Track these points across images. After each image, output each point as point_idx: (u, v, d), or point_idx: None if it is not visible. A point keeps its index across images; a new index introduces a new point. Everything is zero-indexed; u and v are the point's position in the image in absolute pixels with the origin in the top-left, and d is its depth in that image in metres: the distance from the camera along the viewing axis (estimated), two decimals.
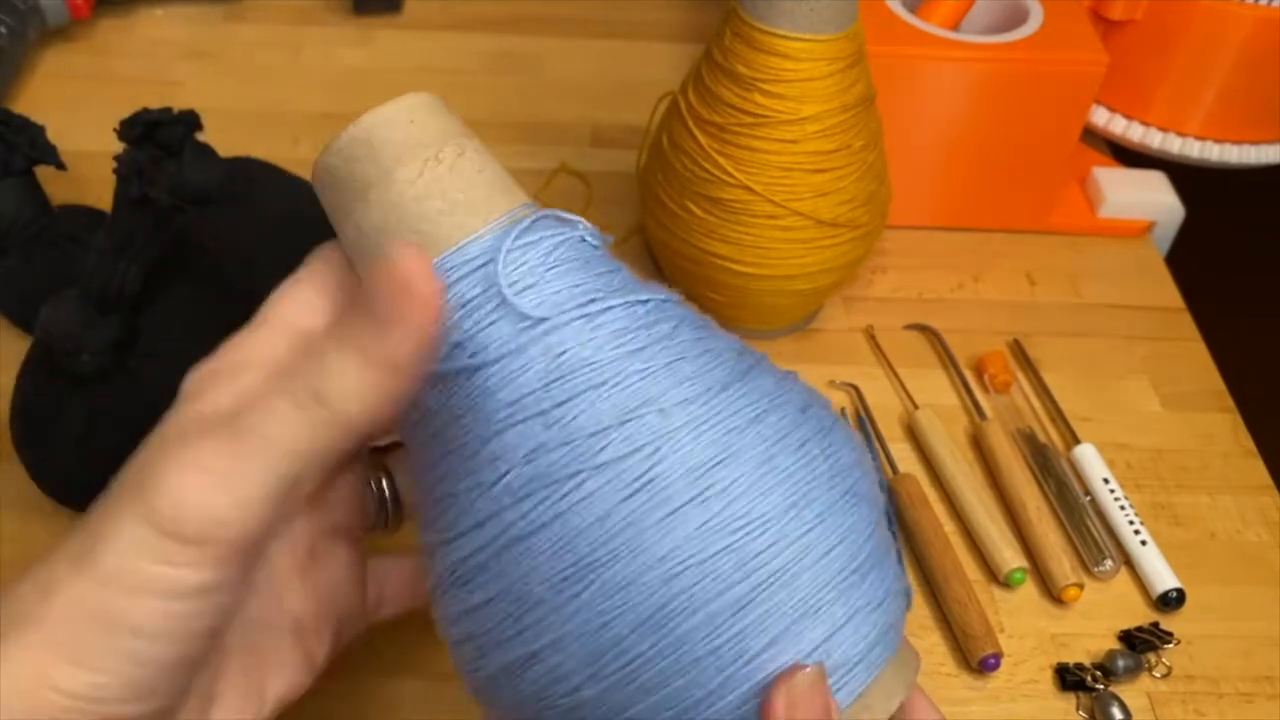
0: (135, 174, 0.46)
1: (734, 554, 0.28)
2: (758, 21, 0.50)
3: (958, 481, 0.53)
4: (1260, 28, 0.65)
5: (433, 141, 0.31)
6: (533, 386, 0.29)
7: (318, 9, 0.82)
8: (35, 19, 0.74)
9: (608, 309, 0.30)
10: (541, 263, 0.30)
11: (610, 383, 0.29)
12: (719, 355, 0.31)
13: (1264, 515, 0.55)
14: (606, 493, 0.28)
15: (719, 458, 0.28)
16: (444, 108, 0.32)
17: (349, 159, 0.31)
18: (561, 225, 0.31)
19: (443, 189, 0.30)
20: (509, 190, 0.32)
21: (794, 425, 0.30)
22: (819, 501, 0.29)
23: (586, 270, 0.31)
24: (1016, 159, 0.65)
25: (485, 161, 0.32)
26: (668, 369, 0.29)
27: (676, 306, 0.32)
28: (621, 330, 0.30)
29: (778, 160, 0.52)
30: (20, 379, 0.50)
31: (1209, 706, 0.48)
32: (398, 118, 0.31)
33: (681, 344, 0.30)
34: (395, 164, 0.30)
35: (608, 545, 0.28)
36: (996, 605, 0.50)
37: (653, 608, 0.27)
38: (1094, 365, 0.61)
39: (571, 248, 0.31)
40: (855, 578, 0.29)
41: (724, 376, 0.30)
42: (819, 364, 0.60)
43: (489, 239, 0.30)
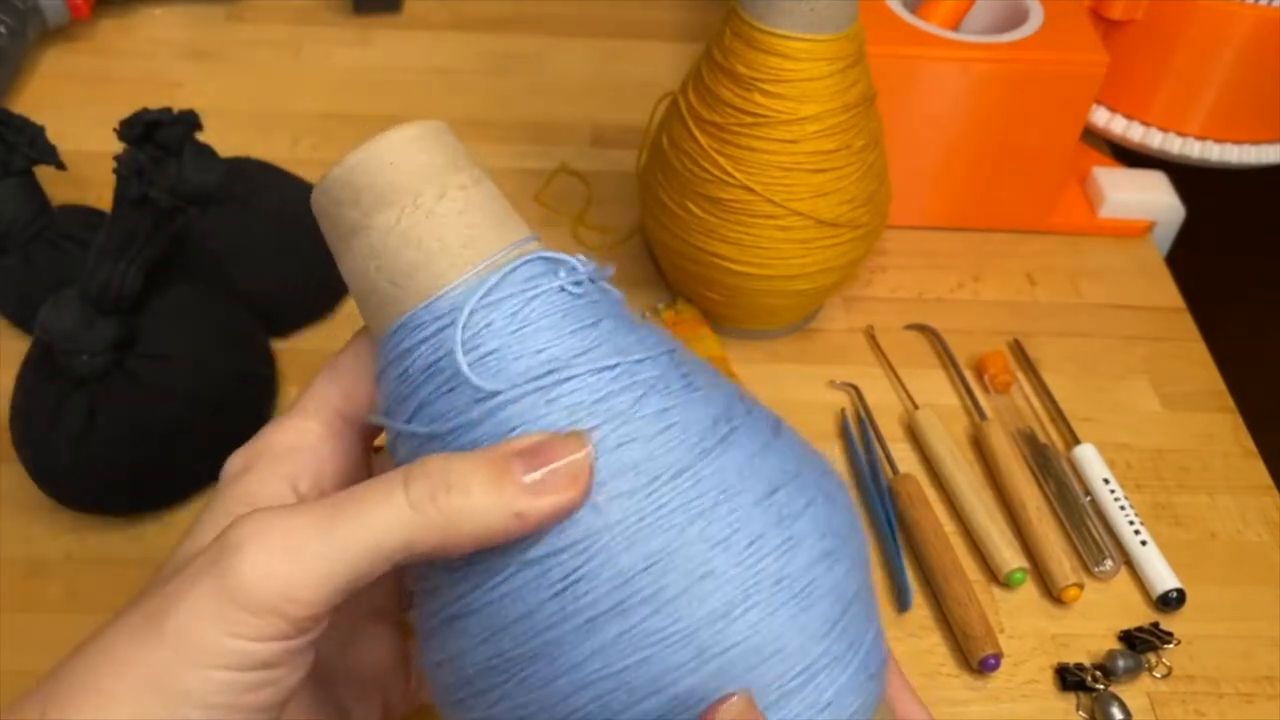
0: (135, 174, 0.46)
1: (648, 667, 0.26)
2: (758, 21, 0.50)
3: (958, 481, 0.53)
4: (1260, 28, 0.65)
5: (412, 184, 0.29)
6: None
7: (318, 9, 0.82)
8: (35, 19, 0.74)
9: (565, 380, 0.28)
10: (507, 324, 0.28)
11: None
12: (683, 430, 0.28)
13: (1264, 515, 0.55)
14: (532, 590, 0.27)
15: (648, 562, 0.27)
16: (435, 138, 0.30)
17: (334, 200, 0.30)
18: (543, 273, 0.29)
19: (419, 236, 0.29)
20: (497, 231, 0.30)
21: (745, 520, 0.28)
22: (757, 609, 0.27)
23: (557, 330, 0.29)
24: (1016, 159, 0.65)
25: (470, 200, 0.30)
26: (614, 454, 0.27)
27: (653, 365, 0.29)
28: (575, 407, 0.28)
29: (778, 160, 0.52)
30: (20, 379, 0.50)
31: (1209, 706, 0.47)
32: (378, 158, 0.29)
33: (641, 420, 0.28)
34: (374, 209, 0.29)
35: (529, 644, 0.27)
36: (996, 605, 0.50)
37: (567, 710, 0.27)
38: (1094, 365, 0.61)
39: (546, 301, 0.29)
40: (795, 684, 0.27)
41: (678, 460, 0.28)
42: (819, 364, 0.60)
43: (459, 293, 0.29)
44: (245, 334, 0.55)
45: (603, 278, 0.31)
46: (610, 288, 0.31)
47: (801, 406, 0.58)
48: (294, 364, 0.58)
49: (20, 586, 0.48)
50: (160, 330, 0.51)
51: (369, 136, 0.30)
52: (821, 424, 0.57)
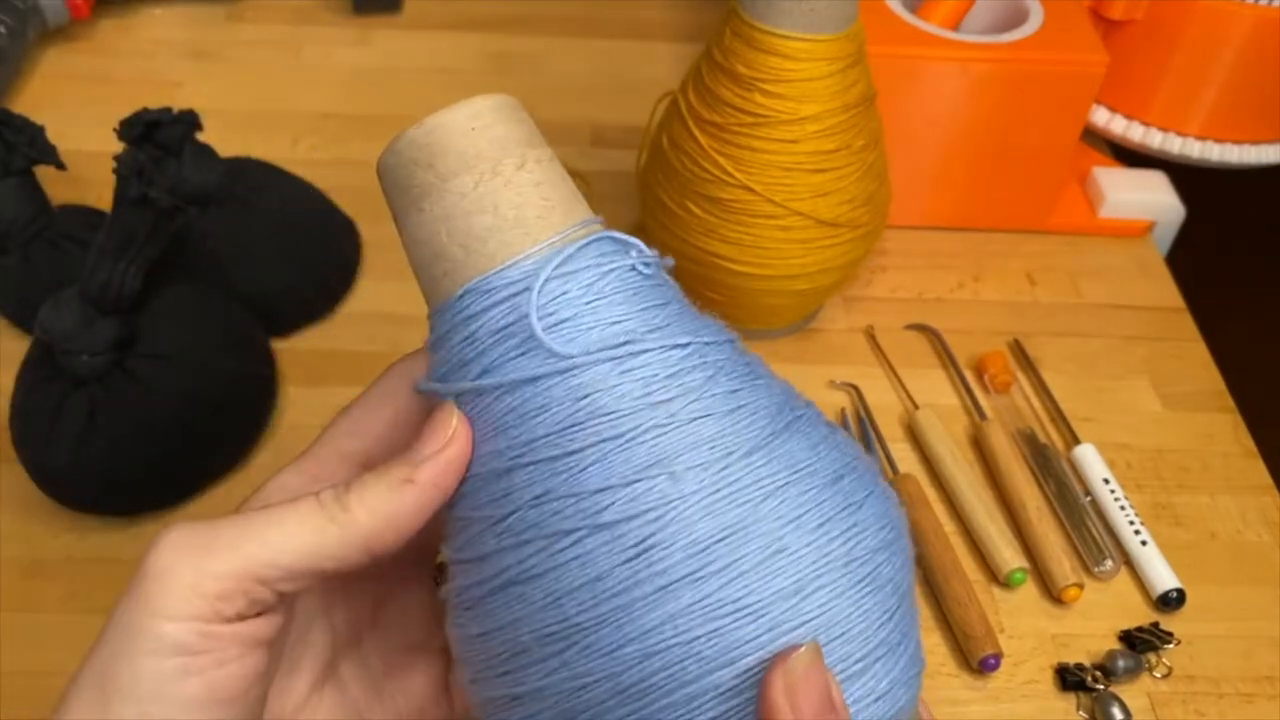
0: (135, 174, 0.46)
1: (720, 638, 0.26)
2: (758, 21, 0.50)
3: (958, 481, 0.53)
4: (1260, 28, 0.65)
5: (492, 152, 0.29)
6: (549, 429, 0.28)
7: (318, 9, 0.82)
8: (35, 19, 0.74)
9: (640, 353, 0.28)
10: (583, 294, 0.29)
11: (626, 436, 0.28)
12: (752, 413, 0.29)
13: (1264, 515, 0.55)
14: (602, 555, 0.27)
15: (724, 533, 0.27)
16: (514, 112, 0.31)
17: (408, 162, 0.30)
18: (614, 250, 0.30)
19: (495, 204, 0.29)
20: (568, 207, 0.30)
21: (815, 502, 0.28)
22: (826, 589, 0.27)
23: (631, 304, 0.29)
24: (1016, 159, 0.65)
25: (546, 174, 0.30)
26: (689, 427, 0.28)
27: (719, 350, 0.30)
28: (650, 379, 0.28)
29: (778, 160, 0.52)
30: (20, 379, 0.50)
31: (1209, 707, 0.47)
32: (459, 123, 0.29)
33: (712, 398, 0.28)
34: (451, 174, 0.29)
35: (595, 609, 0.27)
36: (997, 605, 0.50)
37: (631, 680, 0.27)
38: (1094, 365, 0.61)
39: (619, 278, 0.29)
40: (857, 668, 0.27)
41: (750, 440, 0.28)
42: (819, 364, 0.60)
43: (532, 263, 0.29)
44: (245, 334, 0.55)
45: (666, 267, 0.32)
46: (671, 279, 0.32)
47: None
48: (294, 364, 0.58)
49: (20, 586, 0.48)
50: (160, 330, 0.51)
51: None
52: None
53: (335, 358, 0.59)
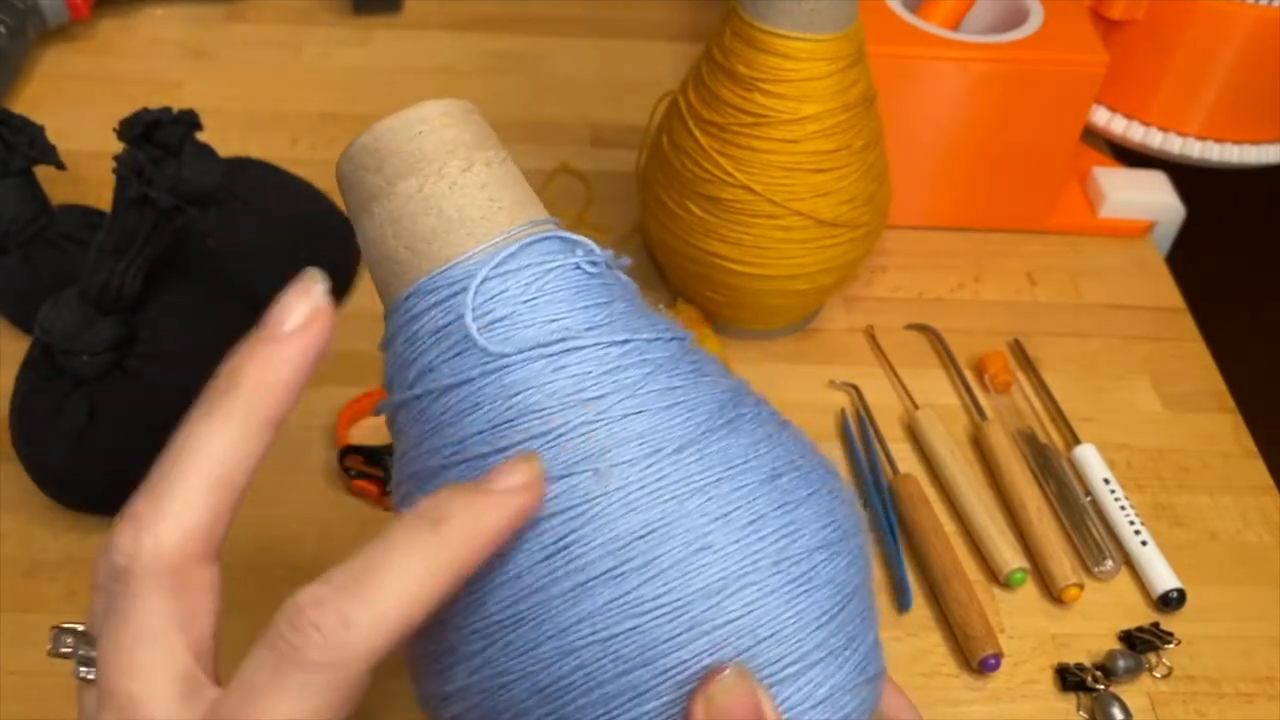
0: (135, 174, 0.46)
1: (639, 636, 0.26)
2: (758, 21, 0.50)
3: (958, 481, 0.53)
4: (1260, 28, 0.65)
5: (438, 155, 0.30)
6: (480, 426, 0.28)
7: (317, 9, 0.82)
8: (35, 19, 0.74)
9: (575, 349, 0.28)
10: (521, 293, 0.29)
11: (554, 433, 0.27)
12: (690, 409, 0.28)
13: (1264, 515, 0.55)
14: (522, 553, 0.27)
15: (645, 530, 0.26)
16: (464, 115, 0.31)
17: (358, 166, 0.30)
18: (558, 250, 0.30)
19: (439, 205, 0.29)
20: (516, 208, 0.30)
21: (747, 499, 0.27)
22: (754, 588, 0.26)
23: (571, 303, 0.29)
24: (1017, 159, 0.65)
25: (494, 176, 0.30)
26: (620, 423, 0.27)
27: (663, 347, 0.30)
28: (583, 375, 0.28)
29: (778, 160, 0.52)
30: (20, 379, 0.50)
31: (1210, 706, 0.47)
32: (408, 127, 0.30)
33: (647, 395, 0.28)
34: (397, 176, 0.30)
35: (515, 607, 0.26)
36: (997, 605, 0.50)
37: (550, 679, 0.26)
38: (1094, 365, 0.61)
39: (560, 276, 0.29)
40: (790, 671, 0.27)
41: (683, 436, 0.28)
42: (819, 364, 0.60)
43: (473, 263, 0.29)
44: (245, 334, 0.55)
45: (619, 267, 0.31)
46: (625, 277, 0.32)
47: (801, 406, 0.58)
48: None
49: (20, 586, 0.48)
50: (160, 330, 0.51)
51: None
52: (821, 424, 0.57)
53: (335, 358, 0.58)
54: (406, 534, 0.25)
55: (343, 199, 0.32)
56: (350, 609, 0.24)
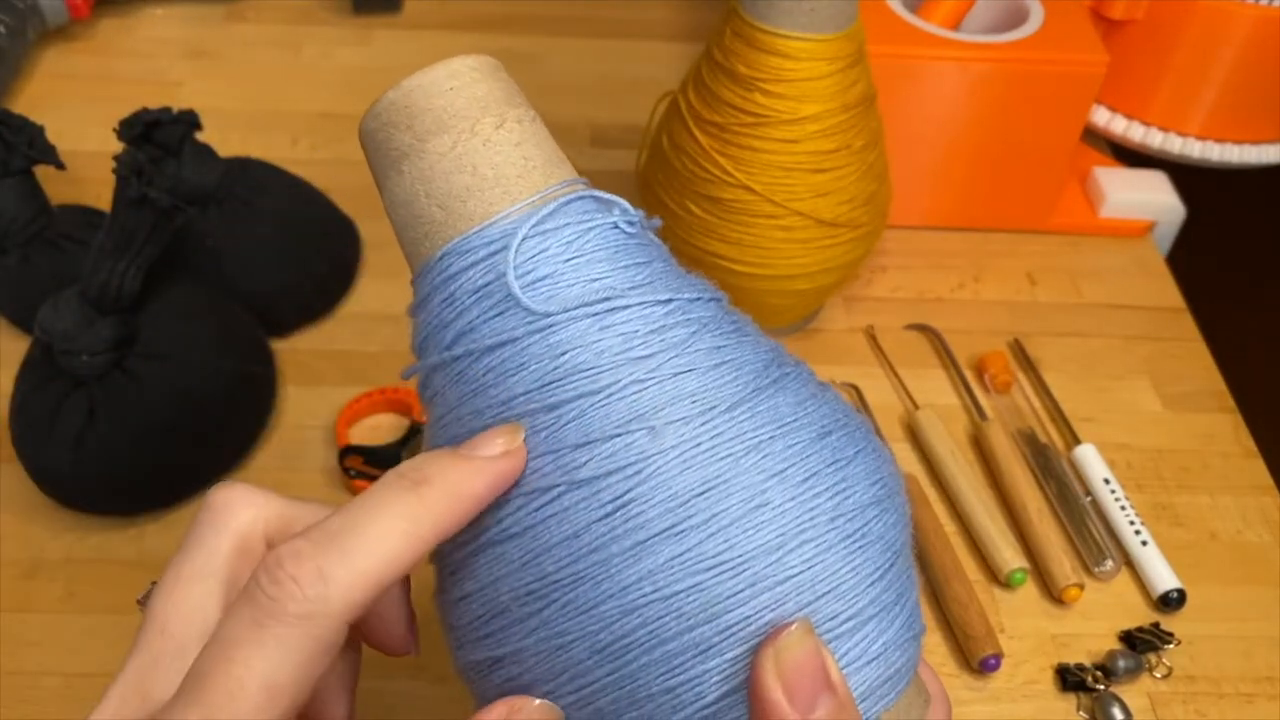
0: (135, 174, 0.46)
1: (701, 594, 0.26)
2: (758, 21, 0.50)
3: (958, 482, 0.53)
4: (1260, 27, 0.65)
5: (470, 111, 0.29)
6: (527, 386, 0.28)
7: (318, 9, 0.82)
8: (35, 19, 0.74)
9: (620, 308, 0.28)
10: (562, 251, 0.28)
11: (605, 392, 0.27)
12: (737, 368, 0.28)
13: (1265, 515, 0.55)
14: (580, 511, 0.26)
15: (704, 487, 0.26)
16: (494, 71, 0.30)
17: (386, 124, 0.29)
18: (595, 209, 0.30)
19: (474, 163, 0.29)
20: (549, 166, 0.30)
21: (801, 456, 0.28)
22: (812, 544, 0.27)
23: (612, 262, 0.29)
24: (1017, 159, 0.65)
25: (527, 133, 0.30)
26: (671, 382, 0.27)
27: (704, 306, 0.30)
28: (630, 335, 0.28)
29: (778, 160, 0.52)
30: (20, 379, 0.50)
31: (1210, 707, 0.47)
32: (437, 84, 0.29)
33: (695, 354, 0.28)
34: (428, 134, 0.29)
35: (573, 566, 0.26)
36: (997, 605, 0.50)
37: (611, 638, 0.26)
38: (1094, 365, 0.61)
39: (600, 235, 0.29)
40: (847, 627, 0.27)
41: (733, 394, 0.28)
42: (819, 364, 0.60)
43: (510, 221, 0.28)
44: (245, 334, 0.55)
45: (651, 227, 0.31)
46: (657, 238, 0.31)
47: None
48: (294, 364, 0.58)
49: (20, 586, 0.48)
50: (160, 330, 0.51)
51: None
52: None
53: (335, 358, 0.59)
54: (386, 494, 0.26)
55: (369, 160, 0.31)
56: (328, 563, 0.24)
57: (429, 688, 0.46)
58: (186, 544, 0.28)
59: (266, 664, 0.24)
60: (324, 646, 0.24)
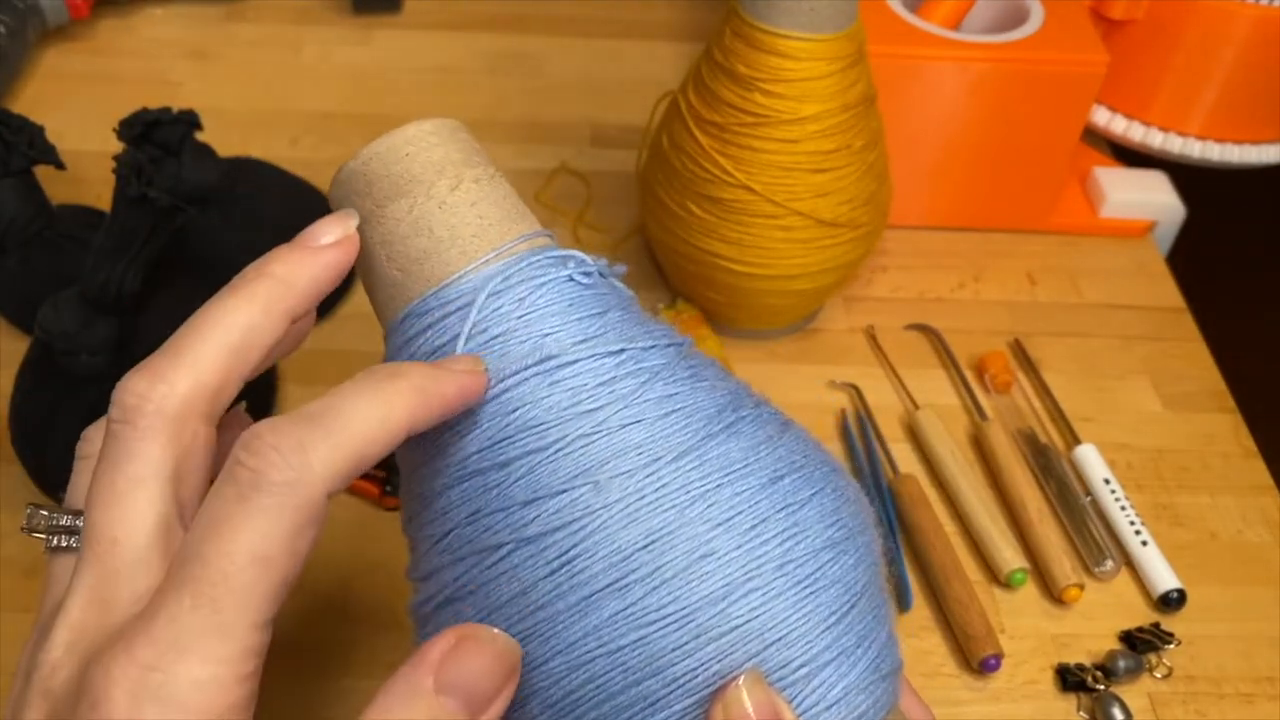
0: (135, 174, 0.46)
1: (645, 647, 0.26)
2: (758, 21, 0.50)
3: (958, 482, 0.53)
4: (1260, 27, 0.65)
5: (426, 175, 0.30)
6: (480, 445, 0.28)
7: (318, 9, 0.82)
8: (35, 19, 0.74)
9: (570, 363, 0.28)
10: (515, 309, 0.29)
11: (552, 448, 0.27)
12: (688, 416, 0.28)
13: (1265, 515, 0.55)
14: (528, 568, 0.27)
15: (648, 540, 0.26)
16: (452, 134, 0.31)
17: (349, 191, 0.30)
18: (550, 264, 0.30)
19: (430, 225, 0.30)
20: (506, 223, 0.30)
21: (749, 503, 0.27)
22: (759, 593, 0.27)
23: (564, 316, 0.29)
24: (1017, 159, 0.65)
25: (483, 193, 0.30)
26: (619, 434, 0.28)
27: (659, 354, 0.30)
28: (579, 389, 0.28)
29: (778, 160, 0.52)
30: (19, 379, 0.50)
31: (1210, 707, 0.47)
32: (394, 150, 0.30)
33: (644, 404, 0.28)
34: (386, 199, 0.30)
35: (522, 624, 0.27)
36: (997, 605, 0.50)
37: (561, 692, 0.27)
38: (1094, 365, 0.61)
39: (554, 289, 0.29)
40: (801, 673, 0.27)
41: (682, 443, 0.28)
42: (819, 364, 0.60)
43: (467, 282, 0.29)
44: None
45: (614, 275, 0.32)
46: (621, 285, 0.32)
47: (801, 406, 0.58)
48: (293, 364, 0.58)
49: (20, 586, 0.48)
50: (160, 330, 0.50)
51: (369, 136, 0.30)
52: (821, 424, 0.57)
53: (335, 357, 0.59)
54: (363, 380, 0.27)
55: None
56: (307, 436, 0.25)
57: None
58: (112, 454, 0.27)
59: (254, 535, 0.24)
60: (309, 517, 0.25)
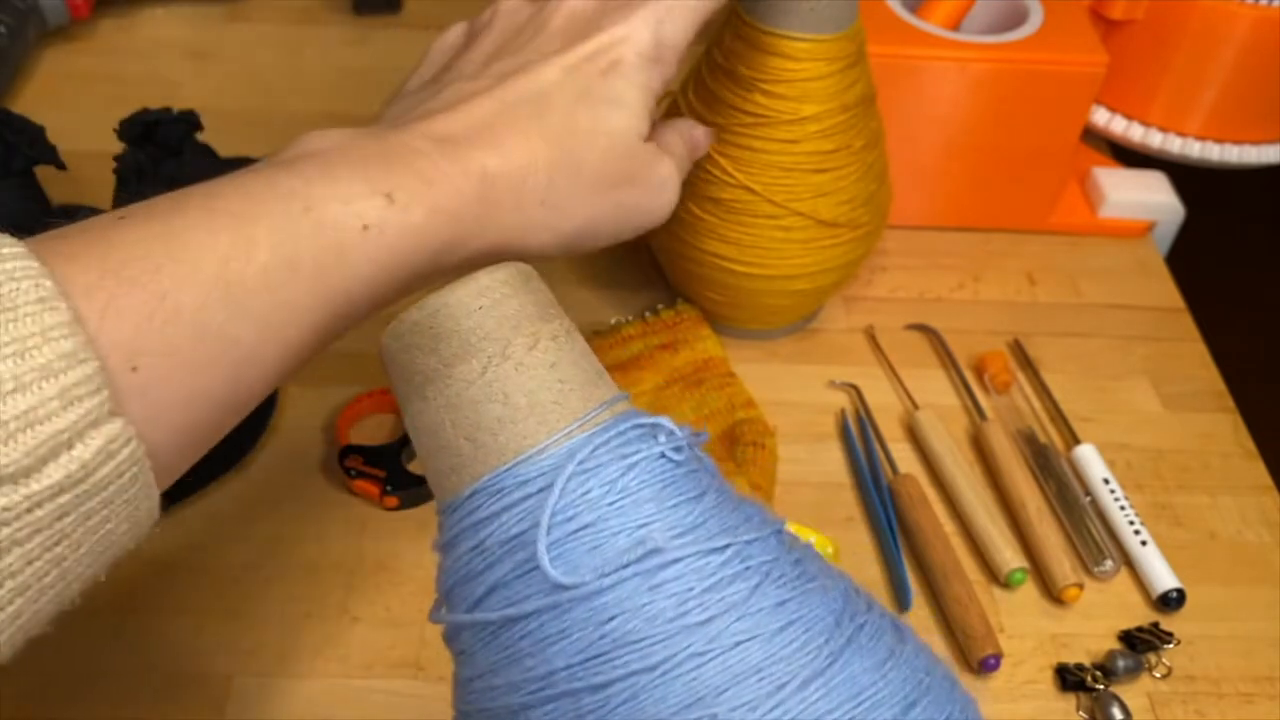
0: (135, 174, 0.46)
1: None
2: (758, 21, 0.50)
3: (958, 482, 0.53)
4: (1260, 28, 0.65)
5: (501, 332, 0.27)
6: (569, 659, 0.25)
7: (318, 9, 0.82)
8: (35, 19, 0.74)
9: (672, 562, 0.25)
10: (605, 494, 0.26)
11: (660, 669, 0.24)
12: (806, 628, 0.25)
13: (1264, 515, 0.55)
14: None
15: None
16: (525, 283, 0.28)
17: (409, 346, 0.27)
18: (639, 436, 0.27)
19: (505, 391, 0.26)
20: (587, 389, 0.27)
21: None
22: None
23: (659, 502, 0.26)
24: (1017, 159, 0.65)
25: (562, 352, 0.27)
26: (734, 653, 0.24)
27: (764, 548, 0.26)
28: (684, 595, 0.25)
29: (778, 160, 0.52)
30: None
31: (1209, 707, 0.47)
32: (464, 303, 0.27)
33: (759, 615, 0.25)
34: (455, 359, 0.27)
35: None
36: (997, 605, 0.50)
37: None
38: (1094, 365, 0.61)
39: (646, 469, 0.26)
40: None
41: (805, 666, 0.25)
42: (819, 364, 0.60)
43: (548, 458, 0.26)
44: None
45: (698, 444, 0.28)
46: (705, 455, 0.29)
47: (801, 406, 0.58)
48: None
49: None
50: None
51: None
52: (821, 424, 0.57)
53: (335, 358, 0.58)
54: None
55: (390, 378, 0.29)
56: None
57: (429, 687, 0.46)
58: None
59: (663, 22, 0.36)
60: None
